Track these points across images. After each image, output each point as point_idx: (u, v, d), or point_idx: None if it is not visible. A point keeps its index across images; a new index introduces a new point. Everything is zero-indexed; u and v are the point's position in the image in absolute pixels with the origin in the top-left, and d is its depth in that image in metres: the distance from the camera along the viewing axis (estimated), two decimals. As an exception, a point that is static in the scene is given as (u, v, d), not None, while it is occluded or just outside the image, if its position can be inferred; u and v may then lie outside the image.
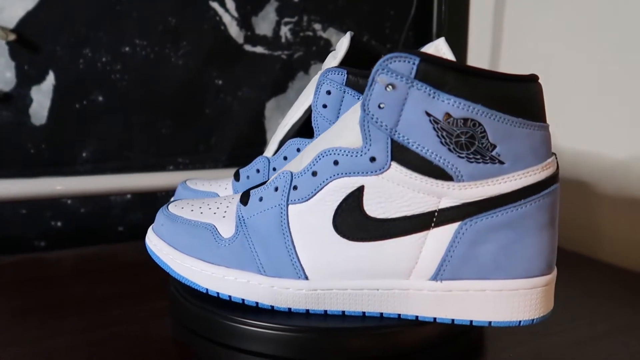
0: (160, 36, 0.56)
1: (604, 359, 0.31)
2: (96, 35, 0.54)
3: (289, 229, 0.29)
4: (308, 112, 0.40)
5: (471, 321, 0.29)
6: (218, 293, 0.31)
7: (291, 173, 0.30)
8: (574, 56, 0.56)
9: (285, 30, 0.62)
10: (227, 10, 0.59)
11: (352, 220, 0.28)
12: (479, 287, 0.28)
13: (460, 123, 0.26)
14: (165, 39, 0.57)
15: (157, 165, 0.59)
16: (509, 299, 0.28)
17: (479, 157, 0.27)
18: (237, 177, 0.41)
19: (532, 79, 0.28)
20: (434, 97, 0.26)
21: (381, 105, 0.27)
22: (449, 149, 0.27)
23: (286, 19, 0.62)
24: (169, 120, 0.58)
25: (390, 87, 0.27)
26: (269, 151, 0.42)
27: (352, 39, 0.38)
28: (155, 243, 0.34)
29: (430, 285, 0.29)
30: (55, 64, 0.53)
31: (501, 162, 0.27)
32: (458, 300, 0.29)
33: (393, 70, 0.26)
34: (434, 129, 0.27)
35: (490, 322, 0.29)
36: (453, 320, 0.29)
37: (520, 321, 0.28)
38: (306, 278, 0.30)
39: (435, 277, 0.29)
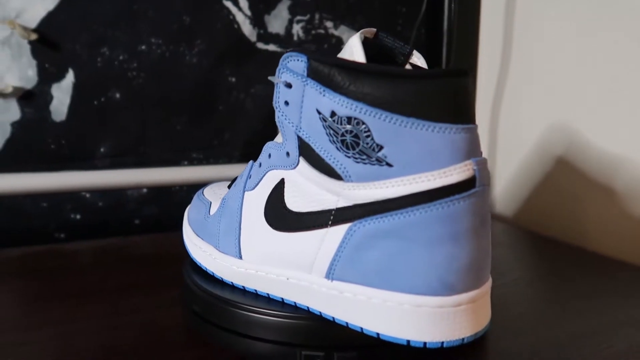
0: (175, 35, 0.58)
1: (604, 350, 0.32)
2: (113, 35, 0.56)
3: (241, 212, 0.32)
4: None
5: (362, 328, 0.27)
6: (196, 260, 0.35)
7: (252, 163, 0.32)
8: (587, 51, 0.56)
9: (297, 28, 0.63)
10: (240, 9, 0.60)
11: (276, 211, 0.30)
12: (365, 293, 0.27)
13: (345, 121, 0.25)
14: (180, 38, 0.58)
15: (172, 160, 0.60)
16: (395, 313, 0.26)
17: (364, 157, 0.25)
18: None
19: (448, 74, 0.25)
20: (323, 95, 0.26)
21: (287, 102, 0.28)
22: (337, 148, 0.26)
23: (298, 17, 0.63)
24: (183, 116, 0.60)
25: (288, 85, 0.27)
26: None
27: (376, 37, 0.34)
28: (184, 215, 0.40)
29: (325, 283, 0.28)
30: (75, 62, 0.55)
31: (389, 165, 0.25)
32: (350, 303, 0.27)
33: (290, 69, 0.27)
34: (323, 126, 0.26)
35: (378, 334, 0.27)
36: (347, 323, 0.28)
37: (408, 340, 0.26)
38: (240, 257, 0.32)
39: (328, 275, 0.28)
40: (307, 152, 0.28)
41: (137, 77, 0.57)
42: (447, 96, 0.24)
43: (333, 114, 0.26)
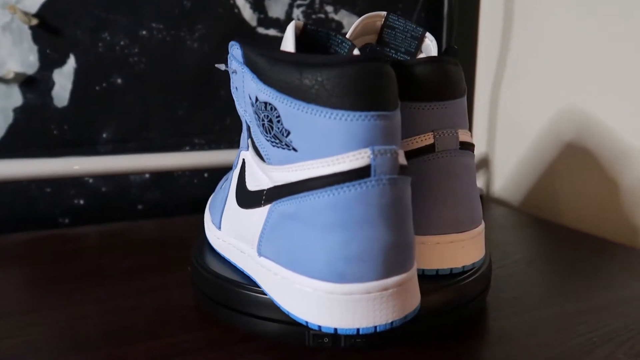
0: (176, 20, 0.58)
1: (601, 328, 0.33)
2: (114, 20, 0.56)
3: (229, 190, 0.34)
4: None
5: (279, 305, 0.28)
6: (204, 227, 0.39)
7: None
8: (586, 34, 0.56)
9: (297, 13, 0.63)
10: (240, -7, 0.60)
11: (240, 188, 0.32)
12: (280, 272, 0.28)
13: (263, 106, 0.27)
14: (181, 23, 0.58)
15: (174, 145, 0.60)
16: (299, 294, 0.26)
17: (278, 141, 0.26)
18: None
19: (351, 60, 0.24)
20: (253, 81, 0.27)
21: (237, 88, 0.30)
22: (261, 132, 0.28)
23: (298, 2, 0.63)
24: (185, 101, 0.60)
25: (234, 72, 0.29)
26: None
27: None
28: None
29: (258, 259, 0.30)
30: (76, 47, 0.55)
31: (294, 149, 0.26)
32: (273, 280, 0.28)
33: (235, 56, 0.29)
34: (253, 111, 0.28)
35: (288, 312, 0.27)
36: (272, 299, 0.29)
37: (307, 322, 0.26)
38: (220, 229, 0.35)
39: (258, 251, 0.30)
40: (250, 134, 0.30)
41: (138, 62, 0.57)
42: (349, 83, 0.24)
43: (257, 99, 0.27)
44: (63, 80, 0.55)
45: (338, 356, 0.30)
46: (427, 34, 0.34)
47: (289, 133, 0.25)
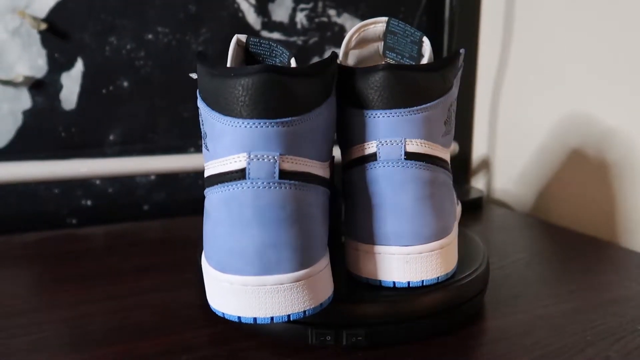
0: (181, 23, 0.59)
1: (595, 327, 0.34)
2: (121, 24, 0.57)
3: None
4: None
5: None
6: None
7: None
8: (587, 37, 0.57)
9: (300, 17, 0.64)
10: (244, -3, 0.61)
11: None
12: (203, 257, 0.30)
13: (199, 111, 0.29)
14: (186, 26, 0.59)
15: (179, 147, 0.61)
16: (206, 277, 0.29)
17: (204, 142, 0.29)
18: None
19: (244, 73, 0.26)
20: (199, 90, 0.29)
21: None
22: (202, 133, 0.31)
23: (302, 6, 0.64)
24: (190, 104, 0.61)
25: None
26: None
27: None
28: None
29: None
30: (84, 51, 0.56)
31: (208, 149, 0.28)
32: None
33: (198, 67, 0.30)
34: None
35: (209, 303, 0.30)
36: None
37: (223, 313, 0.28)
38: None
39: None
40: None
41: (144, 65, 0.58)
42: (237, 93, 0.26)
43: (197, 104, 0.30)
44: (71, 84, 0.56)
45: (340, 354, 0.30)
46: (424, 38, 0.34)
47: (206, 135, 0.28)
